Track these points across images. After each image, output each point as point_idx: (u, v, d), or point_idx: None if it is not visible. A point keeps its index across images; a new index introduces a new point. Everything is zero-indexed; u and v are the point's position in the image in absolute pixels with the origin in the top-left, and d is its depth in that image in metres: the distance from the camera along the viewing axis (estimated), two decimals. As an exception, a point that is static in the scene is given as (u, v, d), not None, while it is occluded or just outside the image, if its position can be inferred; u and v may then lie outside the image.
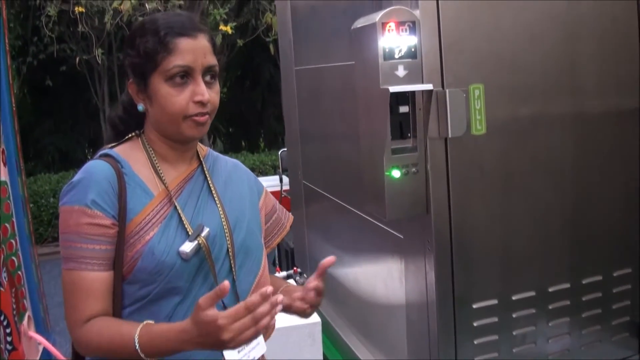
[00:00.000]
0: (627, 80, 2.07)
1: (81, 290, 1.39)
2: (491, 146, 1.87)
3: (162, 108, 1.44)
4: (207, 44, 1.46)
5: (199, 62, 1.42)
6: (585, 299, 2.06)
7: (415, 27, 1.73)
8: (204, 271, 1.46)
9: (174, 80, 1.41)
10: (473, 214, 1.88)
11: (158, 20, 1.46)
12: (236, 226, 1.54)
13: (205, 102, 1.43)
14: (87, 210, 1.39)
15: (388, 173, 1.77)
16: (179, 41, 1.41)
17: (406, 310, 2.03)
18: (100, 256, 1.39)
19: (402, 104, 1.78)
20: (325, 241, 2.90)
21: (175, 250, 1.41)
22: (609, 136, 2.06)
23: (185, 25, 1.43)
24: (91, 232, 1.39)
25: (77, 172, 1.45)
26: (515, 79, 1.90)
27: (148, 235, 1.42)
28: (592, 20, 1.99)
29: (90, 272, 1.39)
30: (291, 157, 3.33)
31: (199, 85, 1.42)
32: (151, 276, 1.40)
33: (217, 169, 1.63)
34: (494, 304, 1.92)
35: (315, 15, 2.76)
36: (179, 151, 1.54)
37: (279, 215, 1.77)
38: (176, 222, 1.45)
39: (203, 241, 1.44)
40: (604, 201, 2.07)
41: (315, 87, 2.80)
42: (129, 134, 1.56)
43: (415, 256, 1.92)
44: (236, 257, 1.51)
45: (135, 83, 1.48)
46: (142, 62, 1.44)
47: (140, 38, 1.44)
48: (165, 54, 1.40)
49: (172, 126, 1.46)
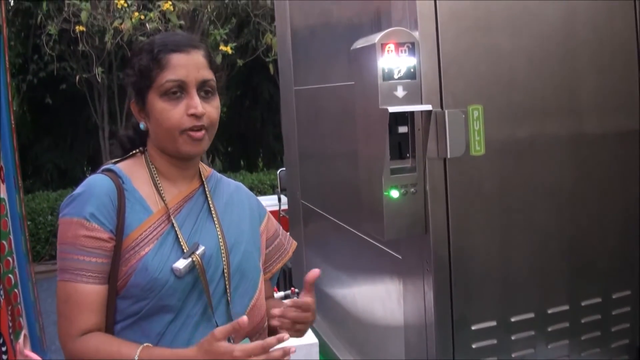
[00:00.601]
0: (626, 102, 2.07)
1: (75, 303, 1.39)
2: (490, 167, 1.87)
3: (158, 123, 1.45)
4: (201, 59, 1.47)
5: (192, 77, 1.44)
6: (585, 321, 2.05)
7: (414, 48, 1.74)
8: (197, 290, 1.45)
9: (168, 95, 1.43)
10: (472, 235, 1.87)
11: (155, 39, 1.49)
12: (233, 248, 1.53)
13: (199, 114, 1.43)
14: (85, 223, 1.40)
15: (387, 193, 1.77)
16: (172, 57, 1.43)
17: (404, 332, 2.02)
18: (95, 269, 1.40)
19: (401, 124, 1.78)
20: (323, 261, 2.89)
21: (169, 268, 1.40)
22: (608, 158, 2.06)
23: (179, 42, 1.46)
24: (88, 245, 1.39)
25: (79, 186, 1.46)
26: (514, 100, 1.90)
27: (143, 251, 1.41)
28: (590, 43, 2.00)
29: (85, 285, 1.39)
30: (290, 177, 3.33)
31: (193, 98, 1.43)
32: (143, 292, 1.40)
33: (219, 191, 1.63)
34: (492, 325, 1.91)
35: (315, 36, 2.77)
36: (180, 169, 1.54)
37: (281, 241, 1.76)
38: (172, 240, 1.45)
39: (197, 259, 1.43)
40: (604, 223, 2.07)
41: (315, 107, 2.81)
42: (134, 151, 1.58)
43: (413, 277, 1.92)
44: (232, 278, 1.50)
45: (135, 101, 1.50)
46: (138, 79, 1.46)
47: (137, 57, 1.47)
48: (159, 69, 1.43)
49: (169, 142, 1.47)
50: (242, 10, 8.03)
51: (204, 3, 7.62)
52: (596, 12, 2.00)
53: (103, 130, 9.89)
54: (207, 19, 7.91)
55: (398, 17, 1.84)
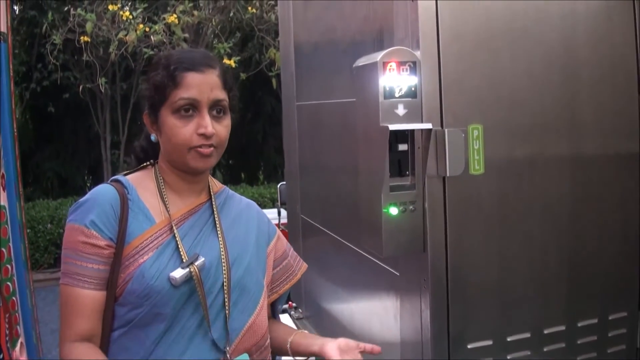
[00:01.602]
0: (626, 123, 2.08)
1: (72, 306, 1.43)
2: (489, 186, 1.88)
3: (168, 139, 1.49)
4: (215, 79, 1.50)
5: (205, 96, 1.47)
6: (581, 342, 2.05)
7: (415, 67, 1.75)
8: (194, 302, 1.46)
9: (180, 112, 1.46)
10: (470, 254, 1.88)
11: (172, 55, 1.52)
12: (235, 262, 1.54)
13: (209, 134, 1.47)
14: (84, 230, 1.43)
15: (385, 210, 1.77)
16: (187, 75, 1.46)
17: (401, 348, 2.02)
18: (92, 275, 1.42)
19: (402, 142, 1.80)
20: (321, 276, 2.89)
21: (166, 276, 1.43)
22: (608, 179, 2.07)
23: (195, 61, 1.49)
24: (86, 251, 1.43)
25: (87, 194, 1.51)
26: (514, 120, 1.91)
27: (142, 259, 1.44)
28: (590, 63, 2.01)
29: (81, 290, 1.42)
30: (290, 191, 3.34)
31: (204, 118, 1.47)
32: (139, 299, 1.42)
33: (228, 207, 1.65)
34: (489, 344, 1.91)
35: (318, 52, 2.79)
36: (188, 183, 1.57)
37: (289, 262, 1.76)
38: (172, 250, 1.47)
39: (195, 270, 1.44)
40: (602, 244, 2.07)
41: (316, 122, 2.82)
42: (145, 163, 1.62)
43: (411, 294, 1.92)
44: (231, 292, 1.51)
45: (148, 114, 1.54)
46: (152, 94, 1.50)
47: (153, 72, 1.51)
48: (173, 86, 1.46)
49: (178, 157, 1.50)
50: (246, 25, 8.09)
51: (209, 17, 7.67)
52: (596, 33, 2.01)
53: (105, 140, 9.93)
54: (212, 32, 7.97)
55: (400, 36, 1.86)
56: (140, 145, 1.67)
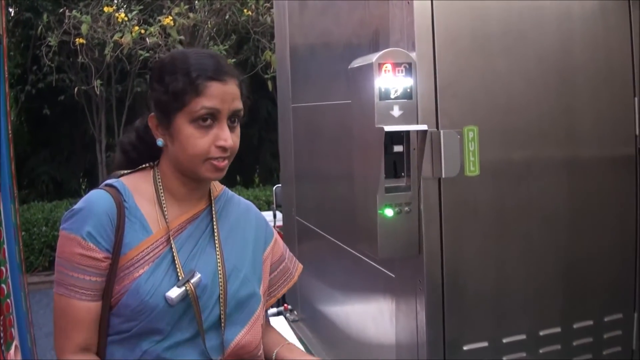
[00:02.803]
0: (622, 127, 2.08)
1: (69, 318, 1.41)
2: (484, 188, 1.88)
3: (183, 148, 1.44)
4: (236, 90, 1.46)
5: (226, 107, 1.43)
6: (576, 343, 2.05)
7: (411, 69, 1.75)
8: (189, 316, 1.44)
9: (199, 122, 1.41)
10: (465, 255, 1.88)
11: (189, 59, 1.46)
12: (232, 274, 1.52)
13: (228, 147, 1.43)
14: (81, 242, 1.40)
15: (381, 212, 1.77)
16: (210, 84, 1.41)
17: (396, 351, 2.01)
18: (89, 287, 1.40)
19: (397, 143, 1.79)
20: (316, 278, 2.89)
21: (161, 293, 1.40)
22: (604, 182, 2.07)
23: (217, 70, 1.44)
24: (82, 263, 1.39)
25: (80, 200, 1.46)
26: (509, 122, 1.91)
27: (137, 273, 1.41)
28: (586, 67, 2.01)
29: (78, 301, 1.40)
30: (285, 193, 3.34)
31: (224, 130, 1.43)
32: (133, 314, 1.40)
33: (227, 211, 1.62)
34: (484, 346, 1.90)
35: (313, 54, 2.79)
36: (190, 189, 1.53)
37: (286, 265, 1.74)
38: (168, 264, 1.44)
39: (191, 288, 1.42)
40: (598, 247, 2.07)
41: (311, 124, 2.82)
42: (142, 163, 1.57)
43: (406, 296, 1.92)
44: (227, 305, 1.49)
45: (157, 118, 1.48)
46: (169, 100, 1.43)
47: (170, 76, 1.44)
48: (194, 95, 1.40)
49: (190, 166, 1.46)
50: (242, 27, 8.08)
51: (205, 19, 7.67)
52: (592, 36, 2.01)
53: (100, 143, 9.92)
54: (208, 34, 7.96)
55: (396, 38, 1.86)
56: (130, 142, 1.60)
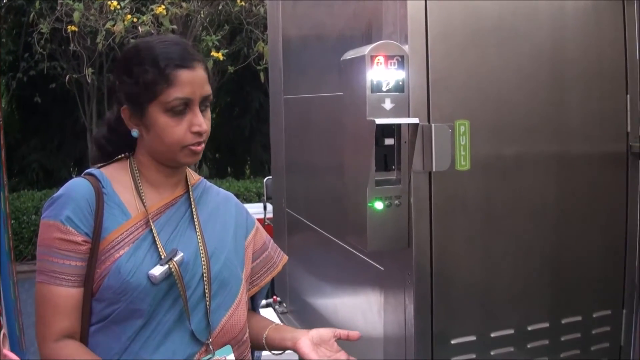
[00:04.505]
0: (613, 124, 2.08)
1: (49, 305, 1.40)
2: (475, 182, 1.88)
3: (160, 137, 1.45)
4: (204, 74, 1.47)
5: (197, 93, 1.44)
6: (564, 339, 2.06)
7: (403, 62, 1.75)
8: (172, 297, 1.44)
9: (173, 111, 1.43)
10: (454, 249, 1.88)
11: (155, 48, 1.45)
12: (213, 256, 1.53)
13: (203, 132, 1.45)
14: (60, 226, 1.40)
15: (371, 204, 1.77)
16: (179, 73, 1.42)
17: (384, 344, 2.02)
18: (70, 272, 1.40)
19: (388, 136, 1.79)
20: (306, 270, 2.89)
21: (143, 272, 1.41)
22: (594, 179, 2.07)
23: (184, 56, 1.44)
24: (62, 248, 1.40)
25: (60, 190, 1.47)
26: (501, 117, 1.91)
27: (118, 254, 1.42)
28: (579, 63, 2.01)
29: (59, 287, 1.40)
30: (276, 185, 3.33)
31: (197, 116, 1.45)
32: (116, 295, 1.40)
33: (205, 199, 1.63)
34: (472, 340, 1.91)
35: (306, 46, 2.78)
36: (166, 176, 1.55)
37: (269, 254, 1.75)
38: (148, 244, 1.45)
39: (175, 266, 1.42)
40: (586, 242, 2.08)
41: (303, 117, 2.82)
42: (118, 155, 1.58)
43: (395, 289, 1.92)
44: (212, 284, 1.50)
45: (130, 110, 1.48)
46: (140, 91, 1.44)
47: (139, 67, 1.44)
48: (165, 85, 1.41)
49: (168, 154, 1.48)
50: (235, 18, 8.05)
51: (198, 9, 7.63)
52: (585, 32, 2.01)
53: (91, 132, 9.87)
54: (200, 24, 7.92)
55: (389, 30, 1.86)
56: (103, 136, 1.62)
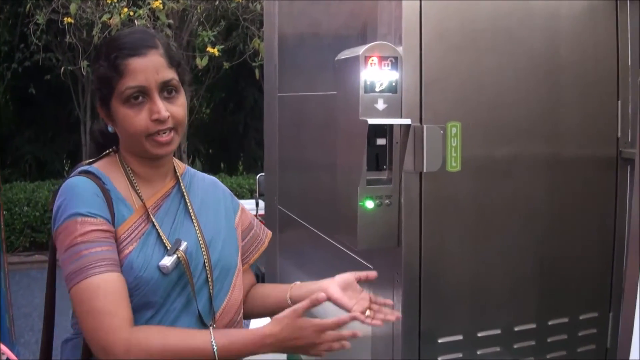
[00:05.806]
0: (605, 128, 2.10)
1: (110, 294, 1.35)
2: (465, 184, 1.90)
3: (124, 130, 1.46)
4: (159, 59, 1.44)
5: (152, 80, 1.42)
6: (551, 340, 2.07)
7: (397, 63, 1.76)
8: (180, 285, 1.47)
9: (130, 101, 1.42)
10: (444, 250, 1.90)
11: (113, 41, 1.46)
12: (211, 243, 1.55)
13: (163, 119, 1.43)
14: (84, 220, 1.38)
15: (361, 203, 1.78)
16: (129, 62, 1.41)
17: (372, 342, 2.03)
18: (112, 257, 1.38)
19: (380, 136, 1.81)
20: (297, 267, 2.90)
21: (154, 266, 1.42)
22: (584, 182, 2.09)
23: (135, 45, 1.43)
24: (91, 238, 1.37)
25: (59, 195, 1.44)
26: (493, 119, 1.93)
27: (127, 250, 1.42)
28: (573, 65, 2.03)
29: (111, 273, 1.36)
30: (268, 182, 3.34)
31: (155, 103, 1.42)
32: (129, 290, 1.40)
33: (194, 187, 1.65)
34: (459, 339, 1.93)
35: (302, 44, 2.79)
36: (153, 168, 1.55)
37: (256, 232, 1.78)
38: (154, 238, 1.46)
39: (182, 255, 1.45)
40: (575, 245, 2.10)
41: (297, 114, 2.83)
42: (108, 149, 1.58)
43: (383, 288, 1.93)
44: (212, 271, 1.53)
45: (100, 106, 1.50)
46: (100, 87, 1.45)
47: (97, 63, 1.45)
48: (118, 76, 1.41)
49: (137, 145, 1.47)
50: (231, 14, 8.04)
51: (194, 4, 7.62)
52: (579, 35, 2.03)
53: (85, 125, 9.84)
54: (197, 19, 7.91)
55: (383, 31, 1.87)
56: (99, 130, 1.60)
